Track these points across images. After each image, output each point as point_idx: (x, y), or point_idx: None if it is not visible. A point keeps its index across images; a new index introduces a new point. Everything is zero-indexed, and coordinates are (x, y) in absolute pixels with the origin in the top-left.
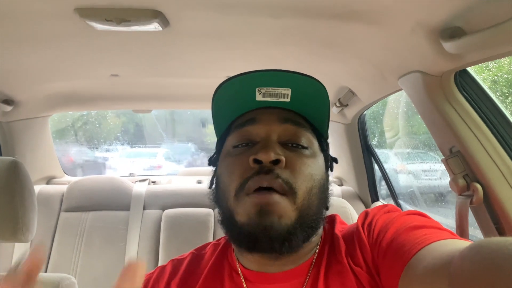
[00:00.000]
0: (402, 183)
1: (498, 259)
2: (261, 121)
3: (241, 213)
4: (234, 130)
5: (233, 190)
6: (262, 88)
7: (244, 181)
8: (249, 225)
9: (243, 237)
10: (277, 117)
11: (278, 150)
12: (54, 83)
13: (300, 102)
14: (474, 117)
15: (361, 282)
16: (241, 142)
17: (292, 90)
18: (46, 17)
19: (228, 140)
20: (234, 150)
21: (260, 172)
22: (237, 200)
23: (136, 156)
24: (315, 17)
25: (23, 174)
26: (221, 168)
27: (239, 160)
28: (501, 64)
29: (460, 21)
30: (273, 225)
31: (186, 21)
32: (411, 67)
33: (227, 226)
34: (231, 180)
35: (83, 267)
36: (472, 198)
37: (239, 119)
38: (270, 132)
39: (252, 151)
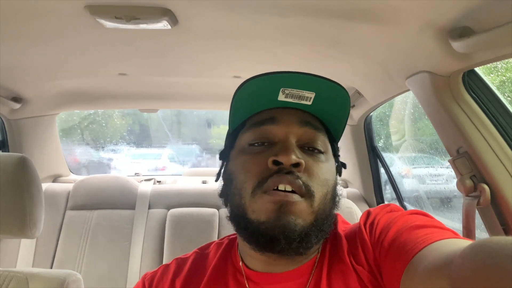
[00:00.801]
0: (407, 187)
1: (499, 258)
2: (281, 122)
3: (258, 211)
4: (251, 127)
5: (250, 188)
6: (287, 89)
7: (263, 180)
8: (266, 224)
9: (259, 236)
10: (297, 119)
11: (298, 153)
12: (63, 81)
13: (320, 106)
14: (482, 117)
15: (363, 281)
16: (258, 141)
17: (316, 94)
18: (56, 14)
19: (244, 136)
20: (250, 148)
21: (280, 172)
22: (253, 197)
23: (141, 157)
24: (322, 16)
25: (31, 170)
26: (236, 165)
27: (257, 160)
28: (509, 65)
29: (469, 20)
30: (290, 225)
31: (194, 19)
32: (419, 67)
33: (238, 223)
34: (247, 178)
35: (88, 265)
36: (479, 199)
37: (257, 116)
38: (289, 134)
39: (271, 151)
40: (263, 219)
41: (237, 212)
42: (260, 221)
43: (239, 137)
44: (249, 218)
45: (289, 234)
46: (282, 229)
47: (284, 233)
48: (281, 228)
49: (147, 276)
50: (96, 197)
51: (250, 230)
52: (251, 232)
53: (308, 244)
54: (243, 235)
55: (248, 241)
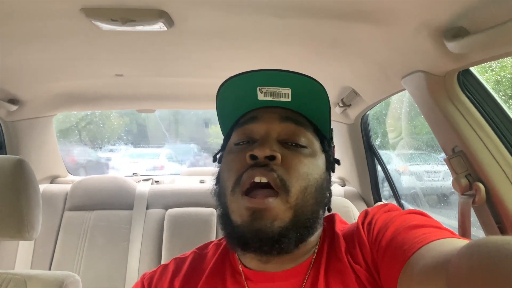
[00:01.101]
0: (404, 184)
1: (496, 258)
2: (262, 119)
3: (235, 213)
4: (236, 128)
5: (230, 186)
6: (263, 87)
7: (239, 176)
8: (241, 227)
9: (235, 237)
10: (278, 116)
11: (275, 147)
12: (59, 82)
13: (300, 102)
14: (477, 117)
15: (361, 280)
16: (242, 140)
17: (292, 89)
18: (52, 16)
19: (232, 137)
20: (235, 147)
21: (255, 166)
22: (232, 197)
23: (139, 157)
24: (319, 17)
25: (28, 172)
26: (223, 165)
27: (238, 156)
28: (504, 64)
29: (464, 21)
30: (266, 228)
31: (190, 20)
32: (415, 67)
33: (223, 223)
34: (228, 176)
35: (86, 266)
36: (475, 198)
37: (242, 117)
38: (270, 130)
39: (250, 147)
40: (239, 222)
41: (222, 212)
42: (237, 223)
43: (230, 139)
44: (230, 218)
45: (263, 237)
46: (256, 233)
47: (258, 236)
48: (255, 232)
49: (146, 276)
50: (94, 197)
51: (229, 230)
52: (229, 232)
53: (284, 244)
54: (224, 234)
55: (227, 240)
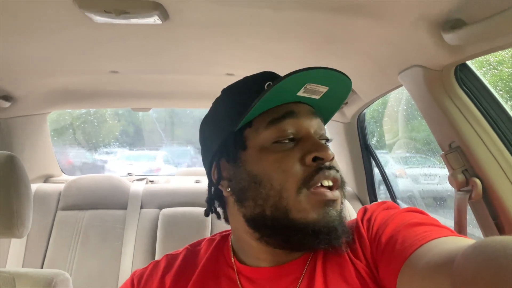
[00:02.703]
0: (401, 187)
1: (501, 258)
2: (300, 115)
3: (307, 210)
4: (270, 124)
5: (294, 187)
6: (310, 84)
7: (307, 177)
8: (316, 222)
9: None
10: (309, 111)
11: None
12: (53, 78)
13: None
14: (474, 112)
15: (360, 274)
16: (283, 137)
17: (329, 88)
18: (45, 8)
19: (263, 134)
20: (276, 146)
21: (323, 168)
22: (299, 197)
23: (135, 159)
24: (316, 10)
25: (19, 169)
26: (264, 165)
27: (291, 157)
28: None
29: (461, 13)
30: (335, 220)
31: (185, 13)
32: (412, 62)
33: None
34: (287, 177)
35: (79, 266)
36: (471, 194)
37: (271, 112)
38: (310, 128)
39: (302, 148)
40: (313, 217)
41: (274, 214)
42: (308, 219)
43: (251, 136)
44: (293, 218)
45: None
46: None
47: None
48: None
49: (136, 273)
50: (87, 197)
51: (293, 229)
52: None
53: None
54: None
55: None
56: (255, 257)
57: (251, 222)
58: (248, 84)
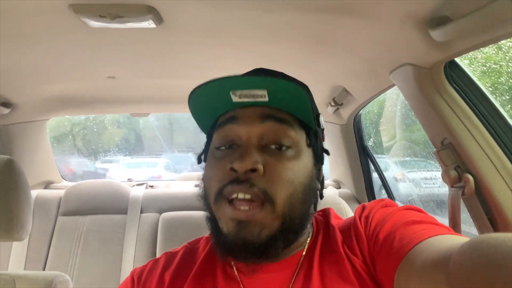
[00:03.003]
0: (401, 190)
1: (497, 255)
2: (242, 120)
3: (221, 221)
4: (217, 128)
5: (213, 195)
6: (237, 91)
7: (221, 188)
8: (228, 236)
9: (223, 245)
10: (258, 114)
11: (257, 157)
12: (51, 85)
13: (279, 99)
14: (465, 108)
15: (357, 270)
16: (223, 144)
17: (268, 91)
18: (41, 14)
19: (213, 139)
20: (217, 152)
21: (234, 181)
22: (216, 205)
23: (136, 167)
24: (306, 12)
25: (18, 172)
26: (205, 170)
27: (219, 165)
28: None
29: (446, 9)
30: (252, 238)
31: (179, 17)
32: (402, 60)
33: (211, 228)
34: (210, 185)
35: (80, 271)
36: (464, 190)
37: (221, 117)
38: (250, 134)
39: (230, 157)
40: (225, 230)
41: (209, 216)
42: (223, 231)
43: (211, 141)
44: (217, 224)
45: (250, 246)
46: (243, 243)
47: (246, 244)
48: (242, 242)
49: (136, 271)
50: (87, 202)
51: (218, 237)
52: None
53: (273, 251)
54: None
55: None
56: None
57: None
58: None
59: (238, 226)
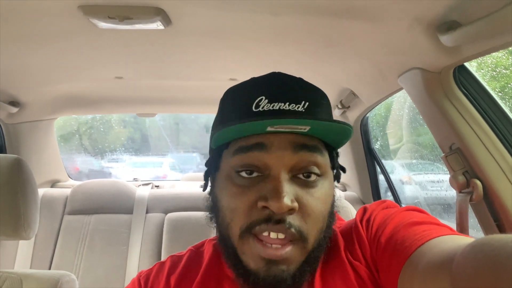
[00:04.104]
0: (408, 193)
1: (500, 257)
2: (272, 148)
3: (247, 256)
4: (237, 152)
5: (238, 230)
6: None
7: (251, 224)
8: (257, 274)
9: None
10: (291, 143)
11: (290, 194)
12: (59, 84)
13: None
14: (474, 113)
15: (361, 277)
16: (246, 169)
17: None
18: (50, 15)
19: (230, 161)
20: (237, 177)
21: (270, 220)
22: (242, 240)
23: (142, 166)
24: (314, 15)
25: (26, 171)
26: (222, 194)
27: (245, 197)
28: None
29: (456, 14)
30: (282, 274)
31: (187, 19)
32: (410, 64)
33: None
34: (234, 217)
35: (85, 270)
36: (472, 195)
37: (243, 139)
38: (281, 166)
39: (260, 190)
40: (253, 267)
41: (228, 246)
42: (250, 267)
43: (224, 158)
44: (240, 258)
45: (280, 283)
46: (273, 281)
47: (275, 281)
48: (272, 279)
49: (142, 274)
50: (93, 201)
51: (241, 270)
52: (242, 272)
53: (302, 279)
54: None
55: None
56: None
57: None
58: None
59: (268, 264)
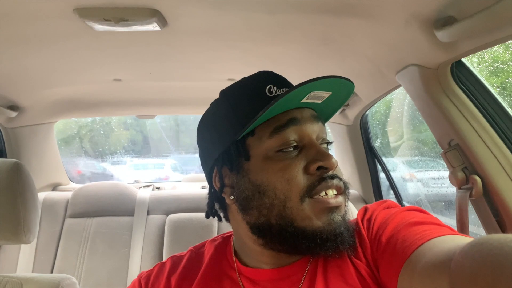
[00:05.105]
0: (410, 190)
1: (499, 256)
2: (303, 121)
3: (312, 217)
4: (274, 133)
5: (298, 196)
6: (315, 91)
7: (310, 186)
8: (321, 228)
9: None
10: (312, 116)
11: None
12: (58, 88)
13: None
14: (472, 109)
15: (361, 275)
16: (286, 146)
17: (332, 93)
18: (46, 18)
19: (266, 143)
20: (279, 154)
21: (327, 178)
22: (302, 206)
23: (144, 168)
24: (310, 13)
25: (25, 175)
26: (268, 174)
27: (294, 166)
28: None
29: (452, 9)
30: (341, 225)
31: (183, 19)
32: (408, 61)
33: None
34: (291, 186)
35: (87, 273)
36: (472, 191)
37: (273, 120)
38: (313, 134)
39: (305, 156)
40: (318, 224)
41: (280, 223)
42: (314, 227)
43: (254, 145)
44: (299, 226)
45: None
46: (335, 231)
47: (336, 234)
48: (334, 231)
49: (143, 275)
50: (95, 204)
51: (300, 237)
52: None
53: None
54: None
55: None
56: (256, 259)
57: (255, 230)
58: (247, 87)
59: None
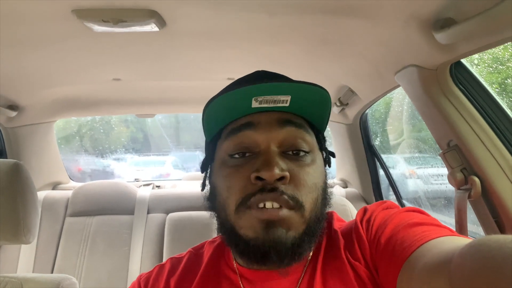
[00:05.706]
0: (410, 188)
1: (498, 257)
2: (259, 126)
3: (246, 227)
4: (229, 135)
5: (234, 205)
6: (259, 97)
7: (246, 197)
8: (256, 240)
9: (250, 252)
10: (276, 120)
11: (282, 165)
12: (57, 88)
13: (299, 106)
14: (471, 110)
15: (360, 277)
16: (238, 151)
17: (292, 96)
18: (45, 19)
19: (223, 146)
20: (231, 160)
21: (264, 190)
22: (238, 214)
23: (145, 165)
24: (309, 13)
25: (25, 176)
26: (218, 179)
27: (239, 174)
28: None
29: (451, 11)
30: (281, 238)
31: (181, 20)
32: (407, 62)
33: (229, 238)
34: (230, 194)
35: (88, 271)
36: (471, 192)
37: (233, 123)
38: (270, 141)
39: (252, 165)
40: (252, 235)
41: (226, 227)
42: (249, 237)
43: (218, 147)
44: (238, 233)
45: (280, 248)
46: (273, 244)
47: (276, 247)
48: (272, 243)
49: (142, 277)
50: (95, 203)
51: (241, 245)
52: (242, 248)
53: (301, 253)
54: (235, 250)
55: (240, 256)
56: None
57: (222, 235)
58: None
59: (267, 227)
